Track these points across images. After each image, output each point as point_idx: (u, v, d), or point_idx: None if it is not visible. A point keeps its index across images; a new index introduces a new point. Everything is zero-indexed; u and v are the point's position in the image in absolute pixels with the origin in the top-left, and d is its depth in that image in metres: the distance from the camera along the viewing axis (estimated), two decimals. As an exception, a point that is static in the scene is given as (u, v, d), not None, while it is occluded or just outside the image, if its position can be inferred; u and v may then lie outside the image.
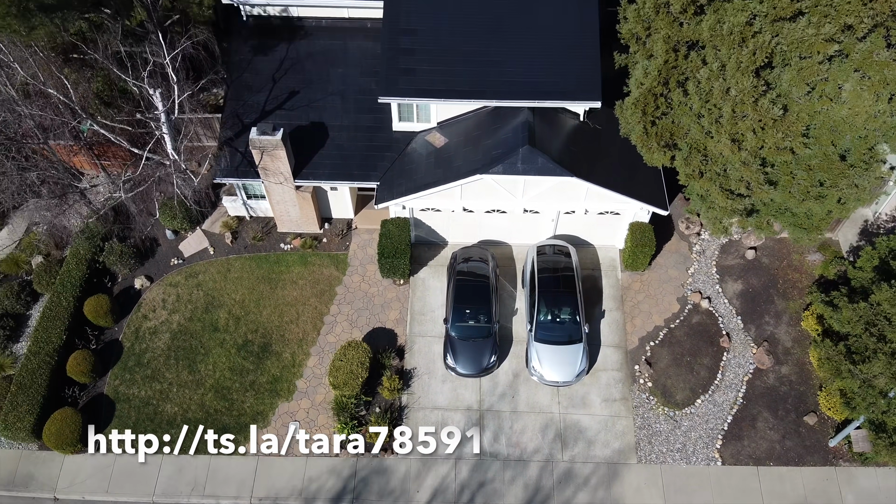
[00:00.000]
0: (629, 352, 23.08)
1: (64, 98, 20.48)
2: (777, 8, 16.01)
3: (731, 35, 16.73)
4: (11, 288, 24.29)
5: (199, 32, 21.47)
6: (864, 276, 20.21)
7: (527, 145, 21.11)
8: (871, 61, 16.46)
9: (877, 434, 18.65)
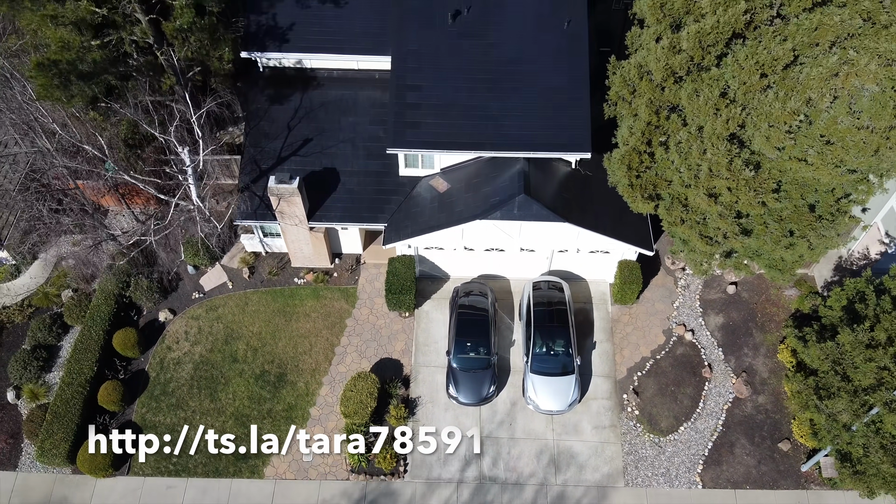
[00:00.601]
0: (618, 381, 24.75)
1: (96, 151, 22.17)
2: (747, 83, 17.69)
3: (706, 105, 18.42)
4: (43, 321, 25.95)
5: (224, 94, 23.14)
6: (833, 314, 21.85)
7: (523, 194, 22.80)
8: (834, 128, 18.13)
9: (842, 463, 20.29)
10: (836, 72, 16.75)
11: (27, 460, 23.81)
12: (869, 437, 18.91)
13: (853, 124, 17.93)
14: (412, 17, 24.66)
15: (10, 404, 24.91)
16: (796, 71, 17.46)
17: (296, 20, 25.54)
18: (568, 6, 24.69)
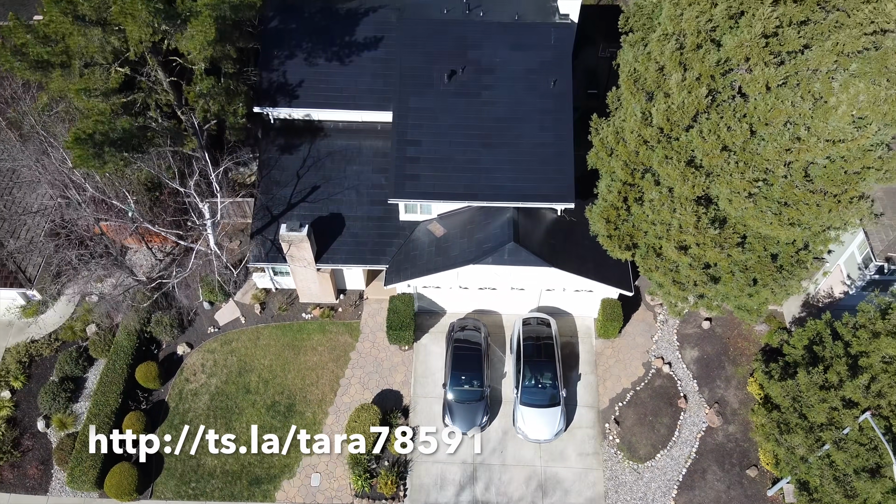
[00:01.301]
0: (601, 411, 26.61)
1: (121, 204, 24.11)
2: (710, 155, 19.59)
3: (675, 171, 20.33)
4: (70, 354, 27.79)
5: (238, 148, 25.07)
6: (796, 352, 23.71)
7: (512, 242, 24.71)
8: (791, 192, 20.05)
9: (800, 491, 22.15)
10: (789, 147, 18.65)
11: (57, 485, 25.61)
12: (823, 469, 20.76)
13: (808, 188, 19.88)
14: (412, 77, 26.60)
15: (41, 433, 26.71)
16: (754, 143, 19.37)
17: (304, 78, 27.48)
18: (554, 67, 26.66)
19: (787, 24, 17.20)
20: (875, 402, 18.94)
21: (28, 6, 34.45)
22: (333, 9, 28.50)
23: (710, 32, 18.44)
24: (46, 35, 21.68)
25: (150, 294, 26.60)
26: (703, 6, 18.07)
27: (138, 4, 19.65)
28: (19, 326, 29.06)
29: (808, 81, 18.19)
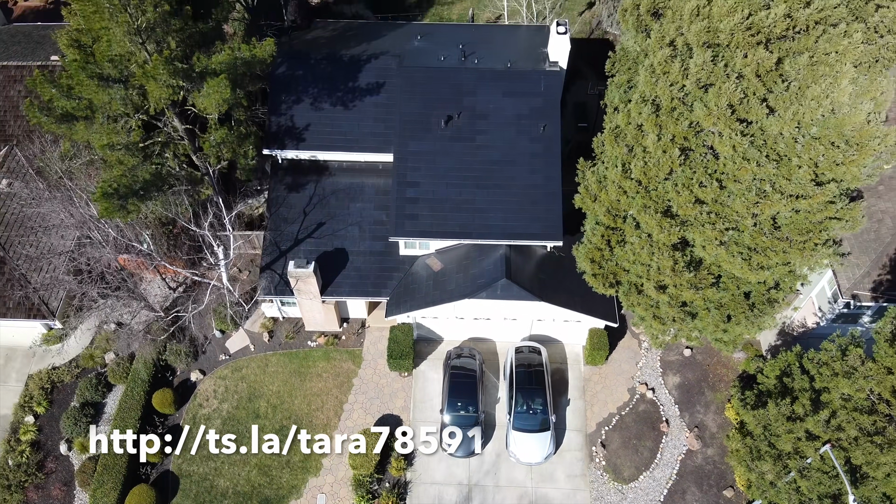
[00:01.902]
0: (588, 435, 28.14)
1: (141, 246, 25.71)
2: (683, 207, 21.15)
3: (652, 220, 21.89)
4: (90, 381, 29.33)
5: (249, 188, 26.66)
6: (769, 381, 25.22)
7: (504, 279, 26.27)
8: (759, 240, 21.60)
9: (773, 513, 23.68)
10: (756, 201, 20.21)
11: (79, 505, 27.16)
12: (790, 494, 22.28)
13: (775, 236, 21.45)
14: (411, 123, 28.20)
15: (63, 455, 28.24)
16: (725, 196, 20.93)
17: (310, 121, 29.06)
18: (544, 113, 28.24)
19: (751, 94, 18.77)
20: (835, 436, 20.47)
21: (44, 45, 35.92)
22: (337, 56, 30.11)
23: (683, 99, 20.00)
24: (70, 88, 23.27)
25: (168, 327, 28.11)
26: (675, 77, 19.64)
27: (160, 68, 21.24)
28: (40, 354, 30.61)
29: (773, 143, 19.77)
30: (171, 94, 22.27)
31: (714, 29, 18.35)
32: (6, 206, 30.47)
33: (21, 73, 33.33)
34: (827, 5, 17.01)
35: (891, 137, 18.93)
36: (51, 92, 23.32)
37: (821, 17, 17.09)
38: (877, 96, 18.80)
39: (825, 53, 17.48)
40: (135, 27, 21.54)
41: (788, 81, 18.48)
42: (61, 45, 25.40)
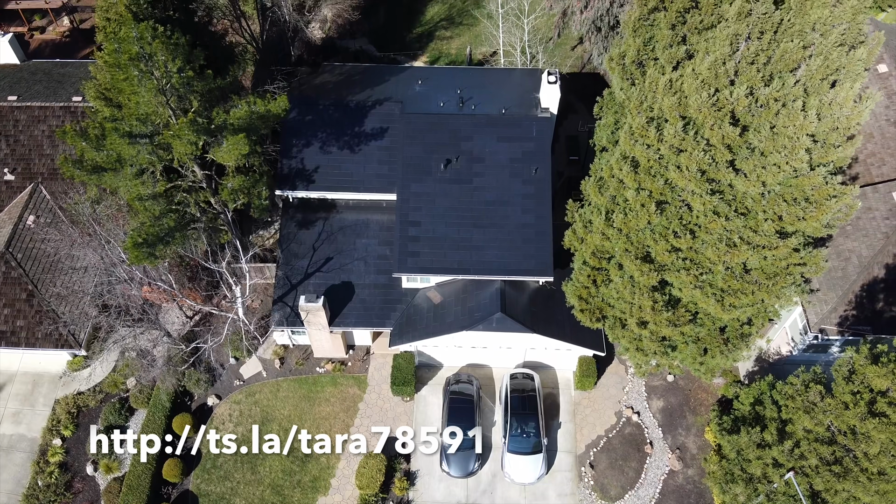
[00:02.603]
0: (578, 456, 30.07)
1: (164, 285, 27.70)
2: (661, 254, 23.12)
3: (632, 265, 23.86)
4: (114, 405, 31.24)
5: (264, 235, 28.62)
6: (743, 408, 27.18)
7: (500, 312, 28.20)
8: (731, 283, 23.55)
9: (744, 530, 25.59)
10: (726, 251, 22.18)
11: (105, 523, 29.05)
12: (761, 514, 24.25)
13: (745, 280, 23.42)
14: (413, 166, 30.16)
15: (90, 476, 30.15)
16: (697, 244, 22.90)
17: (319, 164, 31.03)
18: (535, 157, 30.21)
19: (720, 160, 20.74)
20: (798, 464, 22.42)
21: (64, 85, 37.76)
22: (344, 102, 32.10)
23: (659, 160, 21.98)
24: (99, 139, 25.19)
25: (188, 357, 30.05)
26: (652, 140, 21.62)
27: (186, 129, 23.21)
28: (66, 380, 32.52)
29: (741, 198, 21.76)
30: (194, 151, 24.23)
31: (684, 104, 20.32)
32: (33, 241, 32.43)
33: (44, 114, 35.19)
34: (785, 85, 18.98)
35: (847, 197, 20.87)
36: (82, 146, 25.22)
37: (779, 95, 19.06)
38: (834, 159, 20.80)
39: (784, 126, 19.45)
40: (161, 89, 23.50)
41: (753, 148, 20.47)
42: (89, 97, 27.41)
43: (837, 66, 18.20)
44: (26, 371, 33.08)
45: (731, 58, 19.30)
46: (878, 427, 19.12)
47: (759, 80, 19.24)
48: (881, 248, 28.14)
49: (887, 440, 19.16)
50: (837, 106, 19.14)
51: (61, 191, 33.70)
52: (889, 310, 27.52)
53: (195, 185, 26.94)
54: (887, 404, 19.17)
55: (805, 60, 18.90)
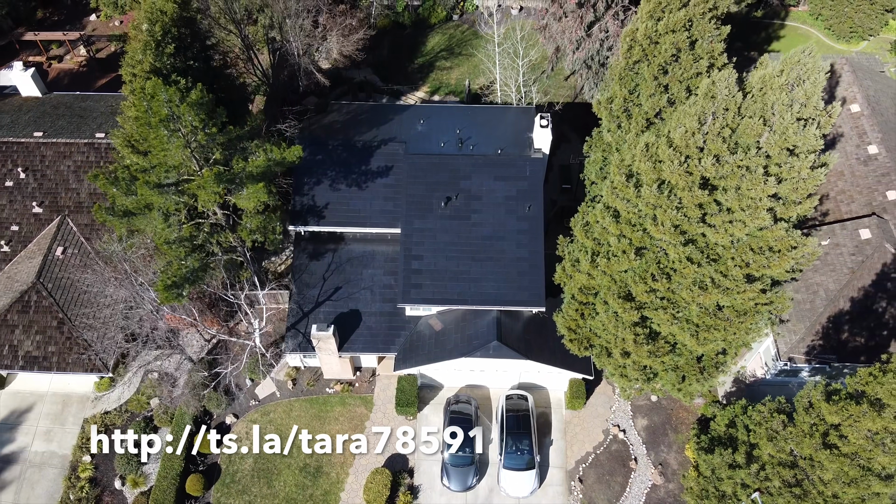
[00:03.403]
0: (568, 471, 32.43)
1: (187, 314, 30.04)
2: (640, 294, 25.43)
3: (615, 301, 26.16)
4: (139, 424, 33.56)
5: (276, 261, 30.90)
6: (719, 429, 29.51)
7: (496, 341, 30.50)
8: (704, 320, 25.86)
9: (718, 542, 27.97)
10: (698, 293, 24.47)
11: (133, 534, 31.41)
12: (732, 528, 26.61)
13: (718, 317, 25.73)
14: (416, 204, 32.42)
15: (118, 490, 32.45)
16: (674, 285, 25.20)
17: (329, 201, 33.28)
18: (529, 195, 32.47)
19: (692, 216, 23.01)
20: (763, 485, 24.78)
21: (87, 119, 39.85)
22: (351, 142, 34.35)
23: (637, 213, 24.28)
24: (129, 185, 27.41)
25: (209, 382, 32.37)
26: (630, 196, 23.90)
27: (211, 182, 25.47)
28: (93, 399, 34.81)
29: (713, 247, 24.06)
30: (218, 199, 26.48)
31: (659, 168, 22.60)
32: (62, 271, 34.70)
33: (69, 150, 37.34)
34: (748, 154, 21.26)
35: (808, 247, 23.16)
36: (113, 192, 27.46)
37: (742, 163, 21.34)
38: (794, 215, 23.10)
39: (748, 188, 21.73)
40: (187, 145, 25.75)
41: (721, 206, 22.76)
42: (116, 144, 29.53)
43: (794, 141, 20.44)
44: (56, 392, 35.36)
45: (699, 130, 21.56)
46: (830, 458, 21.45)
47: (725, 149, 21.50)
48: (847, 282, 30.44)
49: (838, 469, 21.49)
50: (796, 172, 21.42)
51: (86, 223, 36.00)
52: (853, 340, 29.86)
53: (216, 226, 29.16)
54: (838, 437, 21.50)
55: (766, 133, 21.15)
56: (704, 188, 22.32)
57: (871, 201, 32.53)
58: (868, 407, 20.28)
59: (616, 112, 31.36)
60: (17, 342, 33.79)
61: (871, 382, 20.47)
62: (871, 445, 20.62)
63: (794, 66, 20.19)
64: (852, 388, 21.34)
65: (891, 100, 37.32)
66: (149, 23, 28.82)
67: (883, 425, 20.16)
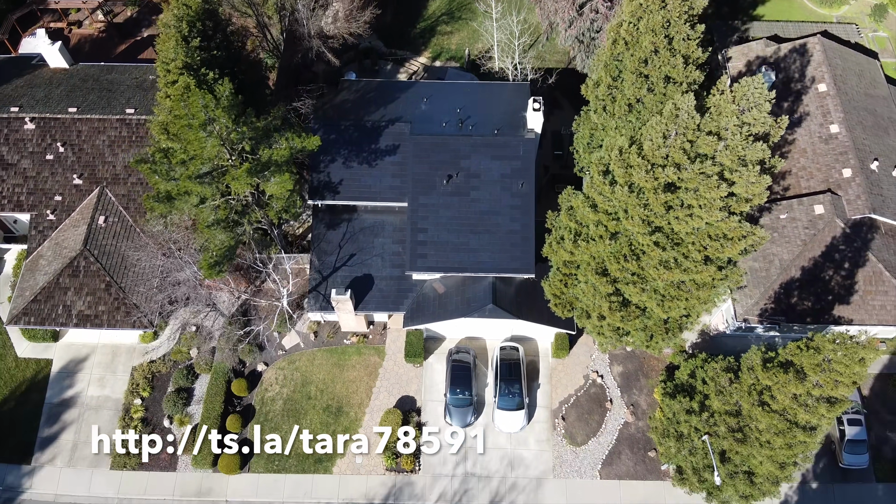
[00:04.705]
0: (552, 411, 37.27)
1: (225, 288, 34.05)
2: (614, 271, 29.22)
3: (593, 276, 30.01)
4: (182, 371, 38.12)
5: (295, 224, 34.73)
6: (683, 377, 34.10)
7: (491, 304, 34.60)
8: (668, 291, 29.75)
9: (676, 472, 32.98)
10: (663, 272, 28.27)
11: (182, 465, 36.47)
12: (687, 461, 31.52)
13: (681, 289, 29.69)
14: (420, 182, 35.73)
15: (167, 428, 37.40)
16: (643, 264, 28.98)
17: (343, 177, 36.58)
18: (521, 173, 35.73)
19: (658, 210, 26.51)
20: (712, 430, 29.45)
21: (115, 94, 42.11)
22: (361, 123, 37.27)
23: (612, 205, 27.78)
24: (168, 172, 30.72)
25: (243, 337, 36.72)
26: (607, 193, 27.33)
27: (244, 175, 28.83)
28: (140, 350, 39.29)
29: (675, 233, 27.72)
30: (250, 188, 29.89)
31: (630, 173, 25.95)
32: (105, 239, 38.37)
33: (103, 125, 40.16)
34: (704, 164, 24.59)
35: (757, 236, 26.81)
36: (155, 179, 30.81)
37: (700, 171, 24.70)
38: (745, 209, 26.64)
39: (705, 191, 25.19)
40: (222, 142, 28.94)
41: (682, 202, 26.27)
42: (153, 131, 32.51)
43: (743, 154, 23.75)
44: (105, 343, 39.74)
45: (664, 144, 24.79)
46: (763, 413, 25.92)
47: (686, 160, 24.81)
48: (799, 253, 34.27)
49: (769, 422, 25.98)
50: (746, 177, 24.82)
51: (123, 194, 39.37)
52: (801, 304, 33.99)
53: (247, 206, 32.68)
54: (770, 397, 25.89)
55: (720, 146, 24.41)
56: (668, 190, 25.75)
57: (828, 178, 35.88)
58: (794, 375, 24.52)
59: (602, 96, 34.30)
60: (71, 302, 37.82)
61: (797, 355, 24.63)
62: (795, 405, 25.00)
63: (744, 93, 23.23)
64: (783, 357, 25.54)
65: (857, 77, 39.93)
66: (175, 19, 31.27)
67: (805, 390, 24.47)
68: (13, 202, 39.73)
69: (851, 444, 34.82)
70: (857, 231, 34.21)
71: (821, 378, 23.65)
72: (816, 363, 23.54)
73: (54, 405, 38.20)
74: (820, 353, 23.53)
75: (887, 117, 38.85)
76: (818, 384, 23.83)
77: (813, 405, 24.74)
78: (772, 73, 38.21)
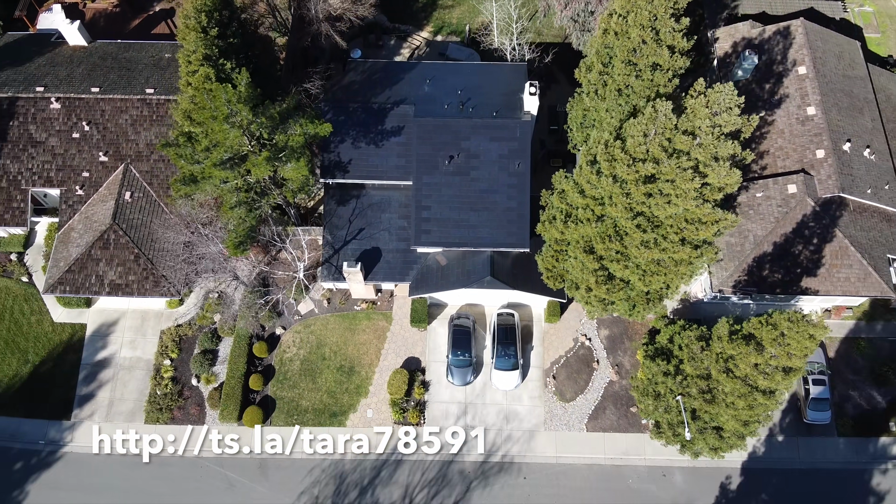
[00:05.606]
0: (544, 370, 40.68)
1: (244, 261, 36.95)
2: (599, 250, 31.98)
3: (581, 254, 32.81)
4: (207, 335, 41.37)
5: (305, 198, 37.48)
6: (663, 341, 37.29)
7: (489, 276, 37.52)
8: (649, 267, 32.63)
9: (654, 427, 36.53)
10: (644, 252, 31.06)
11: (210, 420, 40.08)
12: (662, 418, 35.02)
13: (661, 266, 32.57)
14: (424, 162, 38.12)
15: (195, 386, 40.84)
16: (627, 243, 31.75)
17: (352, 157, 38.95)
18: (518, 153, 38.07)
19: (639, 198, 29.10)
20: (685, 391, 32.78)
21: (134, 73, 43.83)
22: (368, 105, 39.39)
23: (599, 192, 30.36)
24: (192, 156, 33.19)
25: (264, 304, 39.82)
26: (594, 181, 29.84)
27: (264, 162, 31.32)
28: (167, 315, 42.44)
29: (656, 218, 30.39)
30: (269, 173, 32.43)
31: (614, 167, 28.44)
32: (132, 213, 41.02)
33: (125, 105, 42.19)
34: (680, 159, 27.08)
35: (729, 221, 29.50)
36: (181, 163, 33.29)
37: (677, 165, 27.21)
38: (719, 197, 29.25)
39: (682, 182, 27.75)
40: (244, 132, 31.33)
41: (660, 191, 28.87)
42: (175, 116, 34.77)
43: (715, 151, 26.23)
44: (135, 309, 42.84)
45: (644, 142, 27.21)
46: (726, 379, 29.14)
47: (664, 155, 27.29)
48: (772, 229, 36.96)
49: (732, 387, 29.23)
50: (717, 171, 27.36)
51: (146, 170, 41.80)
52: (772, 276, 36.89)
53: (265, 188, 35.27)
54: (734, 365, 29.05)
55: (695, 142, 26.85)
56: (648, 181, 28.31)
57: (802, 158, 38.26)
58: (754, 346, 27.61)
59: (594, 81, 36.41)
60: (102, 272, 40.73)
61: (758, 329, 27.66)
62: (755, 373, 28.18)
63: (717, 99, 25.54)
64: (746, 330, 28.59)
65: (836, 59, 41.78)
66: (195, 11, 33.10)
67: (764, 360, 27.60)
68: (43, 178, 42.13)
69: (815, 402, 38.28)
70: (826, 209, 36.82)
71: (777, 350, 26.74)
72: (773, 337, 26.59)
73: (91, 365, 41.54)
74: (777, 328, 26.55)
75: (863, 98, 40.88)
76: (774, 355, 26.94)
77: (771, 373, 27.91)
78: (755, 56, 40.04)
